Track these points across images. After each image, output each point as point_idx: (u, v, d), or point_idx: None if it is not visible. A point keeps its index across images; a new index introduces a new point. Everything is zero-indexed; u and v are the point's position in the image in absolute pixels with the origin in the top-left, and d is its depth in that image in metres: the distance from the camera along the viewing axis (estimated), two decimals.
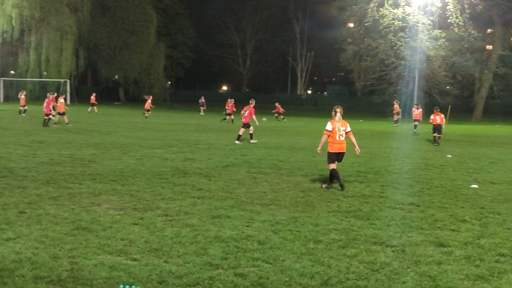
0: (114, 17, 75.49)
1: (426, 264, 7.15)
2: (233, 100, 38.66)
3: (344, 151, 13.00)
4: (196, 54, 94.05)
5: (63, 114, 30.84)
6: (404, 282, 6.44)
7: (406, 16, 57.64)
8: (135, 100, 49.24)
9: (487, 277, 6.71)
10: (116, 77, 79.46)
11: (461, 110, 64.88)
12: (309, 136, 28.79)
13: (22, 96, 39.64)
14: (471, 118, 61.84)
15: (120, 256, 7.14)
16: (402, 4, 57.50)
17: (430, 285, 6.40)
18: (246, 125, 24.26)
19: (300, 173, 15.09)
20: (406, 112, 52.01)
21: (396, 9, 57.71)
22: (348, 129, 12.95)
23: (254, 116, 24.53)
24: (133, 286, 6.11)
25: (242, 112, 24.53)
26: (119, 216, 9.25)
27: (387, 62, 62.24)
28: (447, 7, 56.00)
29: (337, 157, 12.90)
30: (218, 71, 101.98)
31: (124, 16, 75.35)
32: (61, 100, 31.84)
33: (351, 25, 72.88)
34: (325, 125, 12.75)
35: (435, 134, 26.55)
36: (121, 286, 6.11)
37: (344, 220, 9.50)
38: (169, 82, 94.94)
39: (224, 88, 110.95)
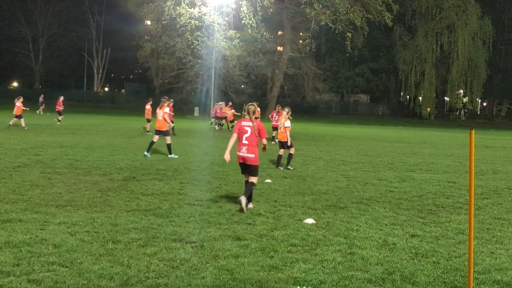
0: None
1: (224, 258, 7.33)
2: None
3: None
4: None
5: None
6: (203, 277, 6.55)
7: (203, 16, 58.80)
8: None
9: (281, 267, 7.05)
10: None
11: None
12: (107, 135, 28.19)
13: None
14: (265, 116, 64.90)
15: None
16: (199, 3, 58.55)
17: (228, 278, 6.57)
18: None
19: (98, 172, 14.71)
20: (207, 110, 53.16)
21: (192, 8, 58.62)
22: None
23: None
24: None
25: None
26: None
27: (184, 60, 63.20)
28: (241, 9, 58.11)
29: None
30: (7, 66, 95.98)
31: None
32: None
33: (149, 22, 72.78)
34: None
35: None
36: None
37: (144, 218, 9.44)
38: None
39: (15, 84, 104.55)
